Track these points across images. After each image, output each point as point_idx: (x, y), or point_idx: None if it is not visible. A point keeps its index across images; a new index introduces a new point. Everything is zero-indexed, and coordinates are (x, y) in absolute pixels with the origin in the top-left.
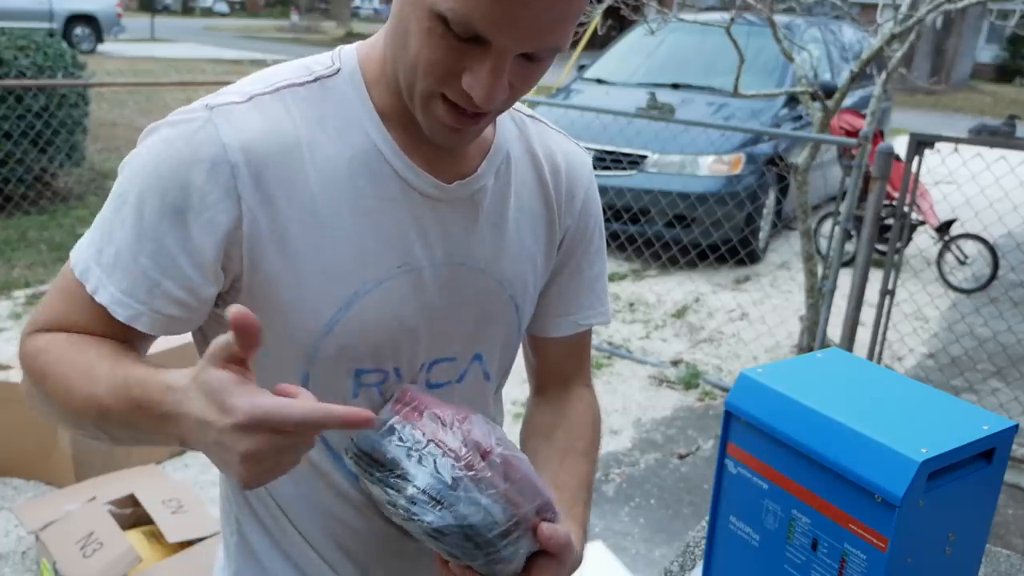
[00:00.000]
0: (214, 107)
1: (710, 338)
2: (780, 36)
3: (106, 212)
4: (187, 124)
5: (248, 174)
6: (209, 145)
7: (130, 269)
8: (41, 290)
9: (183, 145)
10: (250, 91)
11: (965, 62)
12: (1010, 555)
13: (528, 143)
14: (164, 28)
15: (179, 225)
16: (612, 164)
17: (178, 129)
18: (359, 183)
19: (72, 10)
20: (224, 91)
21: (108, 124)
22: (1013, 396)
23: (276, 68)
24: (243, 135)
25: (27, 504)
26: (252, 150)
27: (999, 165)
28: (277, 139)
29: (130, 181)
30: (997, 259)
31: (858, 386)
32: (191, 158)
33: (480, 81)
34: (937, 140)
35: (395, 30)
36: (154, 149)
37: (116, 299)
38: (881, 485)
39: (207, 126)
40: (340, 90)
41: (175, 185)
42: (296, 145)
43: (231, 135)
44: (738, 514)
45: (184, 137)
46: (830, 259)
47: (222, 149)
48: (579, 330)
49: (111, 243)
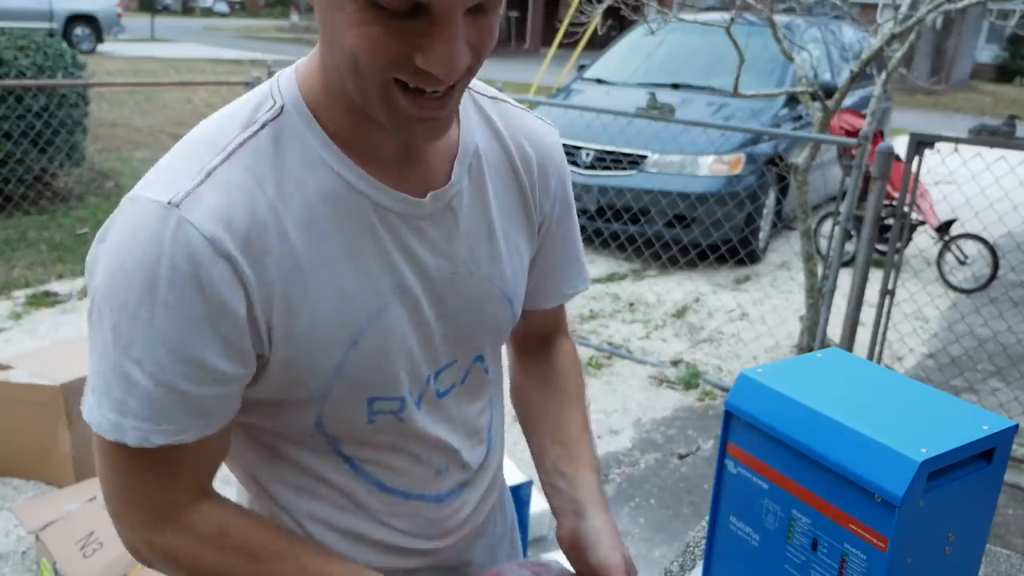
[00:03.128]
0: (179, 203)
1: (710, 338)
2: (780, 36)
3: (113, 361)
4: (155, 234)
5: (241, 256)
6: (197, 245)
7: (179, 404)
8: (41, 290)
9: (170, 257)
10: (204, 166)
11: (965, 62)
12: (1010, 555)
13: (495, 130)
14: (164, 28)
15: (214, 338)
16: (612, 164)
17: (147, 243)
18: (335, 222)
19: (72, 10)
20: (175, 173)
21: (108, 124)
22: (1013, 396)
23: (218, 121)
24: (220, 219)
25: (27, 504)
26: (234, 231)
27: (999, 165)
28: (250, 209)
29: (136, 322)
30: (997, 259)
31: (858, 386)
32: (189, 272)
33: (436, 54)
34: (937, 140)
35: (327, 39)
36: (136, 274)
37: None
38: (881, 485)
39: (182, 227)
40: (290, 130)
41: (186, 297)
42: (269, 208)
43: (209, 226)
44: (738, 514)
45: (165, 249)
46: (830, 259)
47: (210, 245)
48: (566, 300)
49: (139, 393)
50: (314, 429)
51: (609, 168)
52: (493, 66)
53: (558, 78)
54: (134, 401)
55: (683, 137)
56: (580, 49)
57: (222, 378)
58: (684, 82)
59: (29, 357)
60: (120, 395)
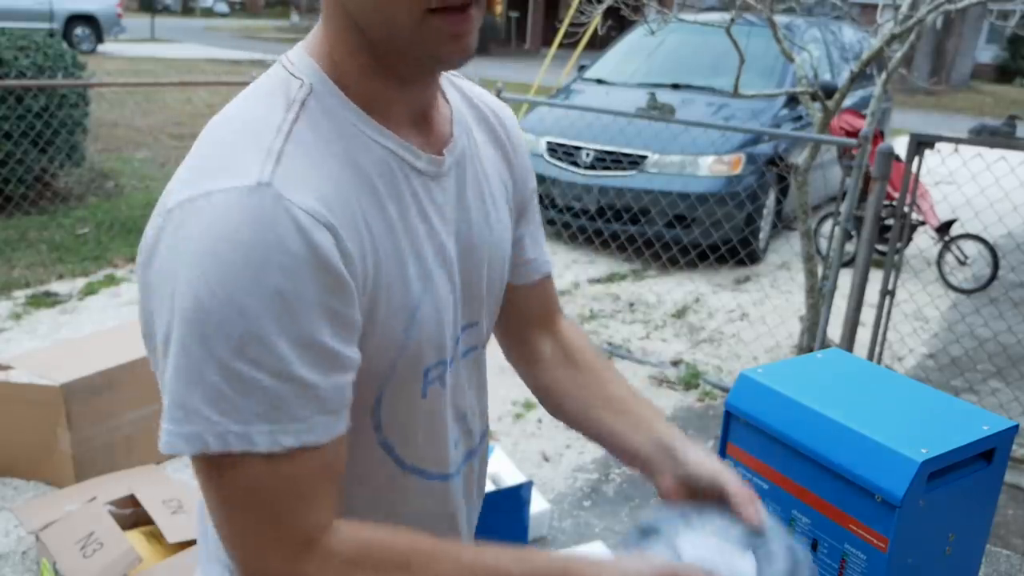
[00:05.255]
0: (269, 181)
1: (710, 338)
2: (780, 36)
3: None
4: (259, 219)
5: (343, 228)
6: (303, 221)
7: (305, 397)
8: (41, 290)
9: (282, 242)
10: (267, 148)
11: (965, 62)
12: (1010, 555)
13: (468, 98)
14: (164, 28)
15: (332, 318)
16: (612, 164)
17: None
18: (388, 190)
19: (72, 10)
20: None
21: (108, 124)
22: (1013, 396)
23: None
24: (312, 192)
25: (27, 504)
26: (327, 203)
27: (999, 165)
28: (330, 182)
29: (249, 318)
30: (997, 259)
31: (858, 386)
32: (299, 250)
33: None
34: (937, 140)
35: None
36: (249, 268)
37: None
38: (881, 485)
39: (281, 203)
40: (325, 106)
41: (307, 286)
42: (341, 180)
43: (307, 199)
44: None
45: (271, 234)
46: (830, 259)
47: (312, 219)
48: (548, 270)
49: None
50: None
51: (609, 168)
52: (493, 66)
53: (558, 78)
54: (257, 404)
55: (683, 137)
56: (580, 49)
57: (343, 363)
58: (684, 82)
59: (29, 357)
60: (239, 402)
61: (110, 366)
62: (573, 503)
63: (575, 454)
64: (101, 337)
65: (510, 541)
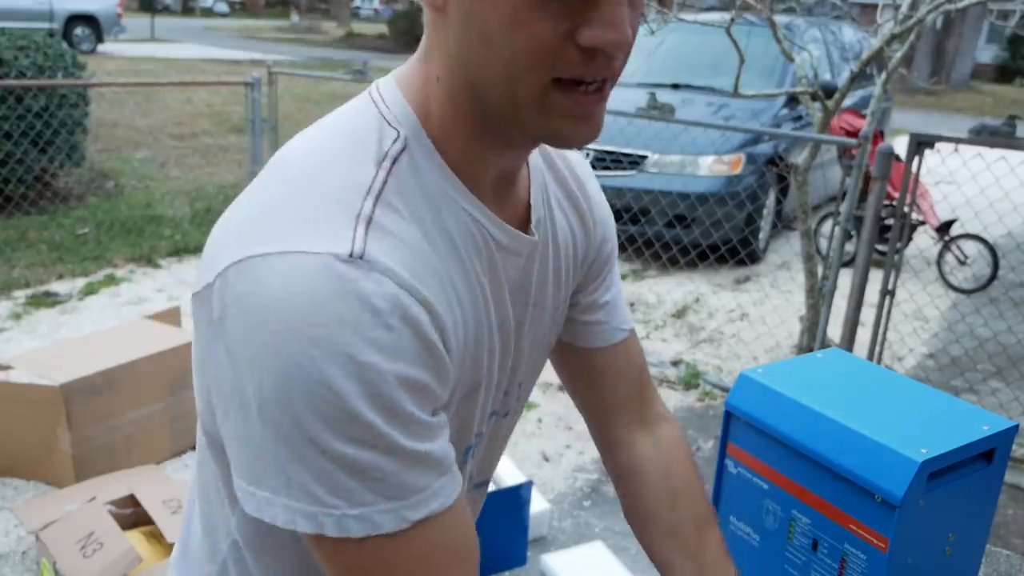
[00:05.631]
0: (363, 252)
1: (710, 338)
2: (780, 36)
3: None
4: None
5: (436, 303)
6: (400, 298)
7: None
8: (41, 290)
9: (378, 318)
10: (362, 211)
11: (965, 62)
12: (1010, 555)
13: (549, 159)
14: (164, 28)
15: (424, 397)
16: (612, 164)
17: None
18: (474, 264)
19: (72, 10)
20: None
21: (108, 124)
22: (1013, 396)
23: (338, 157)
24: (408, 268)
25: (27, 504)
26: (420, 276)
27: (999, 165)
28: (420, 253)
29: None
30: (997, 259)
31: (858, 386)
32: (398, 325)
33: (604, 20)
34: (937, 140)
35: (467, 41)
36: (335, 347)
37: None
38: (881, 485)
39: (374, 279)
40: (416, 164)
41: (403, 364)
42: (432, 251)
43: (403, 273)
44: (738, 514)
45: (367, 307)
46: (830, 259)
47: (410, 294)
48: (622, 336)
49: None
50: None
51: (609, 168)
52: None
53: None
54: (369, 485)
55: (683, 137)
56: None
57: (436, 430)
58: (684, 82)
59: (29, 357)
60: (353, 485)
61: (110, 366)
62: (573, 503)
63: (575, 454)
64: (101, 337)
65: (510, 541)
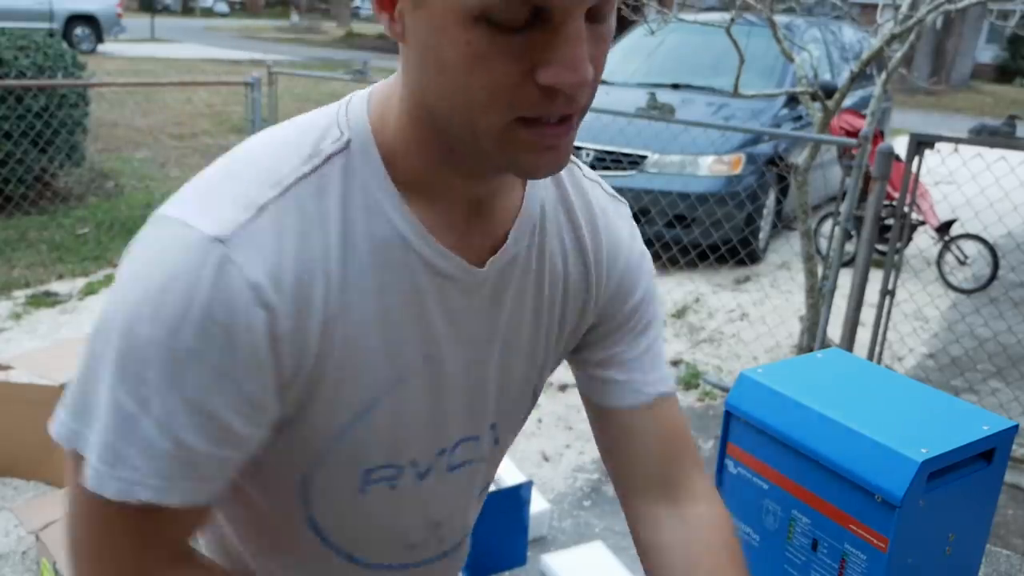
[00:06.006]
0: (226, 239)
1: (710, 338)
2: (780, 36)
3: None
4: (195, 270)
5: (286, 308)
6: (239, 292)
7: (173, 453)
8: (41, 290)
9: (207, 300)
10: (258, 199)
11: (965, 62)
12: (1010, 555)
13: (563, 193)
14: (164, 28)
15: (234, 393)
16: (612, 164)
17: (186, 279)
18: (382, 280)
19: (72, 10)
20: (221, 200)
21: (108, 124)
22: (1013, 396)
23: (278, 146)
24: (269, 267)
25: (27, 504)
26: (280, 279)
27: (999, 165)
28: (300, 256)
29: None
30: (997, 259)
31: (858, 386)
32: (225, 316)
33: (561, 61)
34: (937, 140)
35: (424, 71)
36: (166, 313)
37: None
38: (881, 485)
39: (226, 269)
40: (354, 169)
41: (214, 349)
42: (320, 256)
43: (257, 271)
44: (738, 514)
45: (203, 290)
46: (830, 259)
47: (254, 293)
48: (645, 400)
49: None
50: (296, 492)
51: (609, 168)
52: None
53: None
54: (131, 448)
55: (683, 137)
56: None
57: (236, 441)
58: (684, 82)
59: (29, 357)
60: (111, 437)
61: None
62: (573, 503)
63: (575, 454)
64: None
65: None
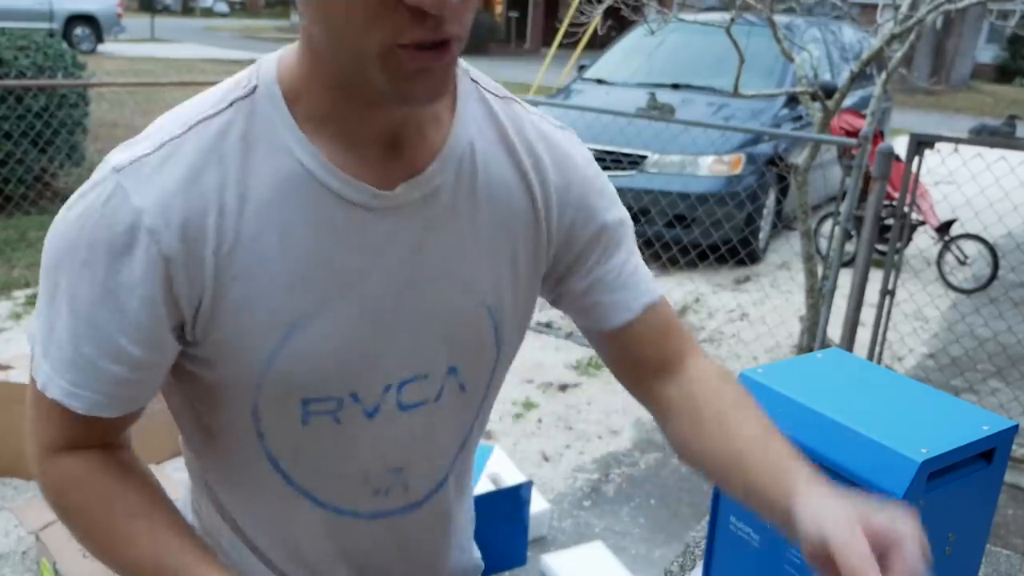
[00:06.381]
0: (121, 168)
1: (710, 338)
2: (780, 36)
3: (42, 303)
4: (96, 195)
5: (170, 234)
6: (123, 214)
7: (76, 360)
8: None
9: (97, 220)
10: (161, 137)
11: (965, 62)
12: (1010, 555)
13: (500, 128)
14: (164, 28)
15: (113, 306)
16: (612, 164)
17: (88, 202)
18: (288, 210)
19: (72, 10)
20: (136, 140)
21: (108, 124)
22: (1013, 396)
23: (198, 97)
24: (156, 193)
25: (27, 504)
26: (169, 206)
27: (999, 165)
28: (191, 187)
29: (56, 267)
30: (997, 259)
31: (858, 386)
32: (108, 234)
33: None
34: (937, 140)
35: (312, 15)
36: (71, 229)
37: (68, 392)
38: (881, 485)
39: (117, 192)
40: (258, 111)
41: (100, 265)
42: (216, 186)
43: (143, 197)
44: (738, 514)
45: (96, 211)
46: (830, 259)
47: (137, 216)
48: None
49: (53, 338)
50: (250, 424)
51: (609, 168)
52: (493, 66)
53: (558, 78)
54: (51, 347)
55: (683, 137)
56: (580, 49)
57: (130, 361)
58: (684, 82)
59: (29, 357)
60: (43, 337)
61: None
62: (573, 503)
63: (575, 454)
64: None
65: (510, 541)
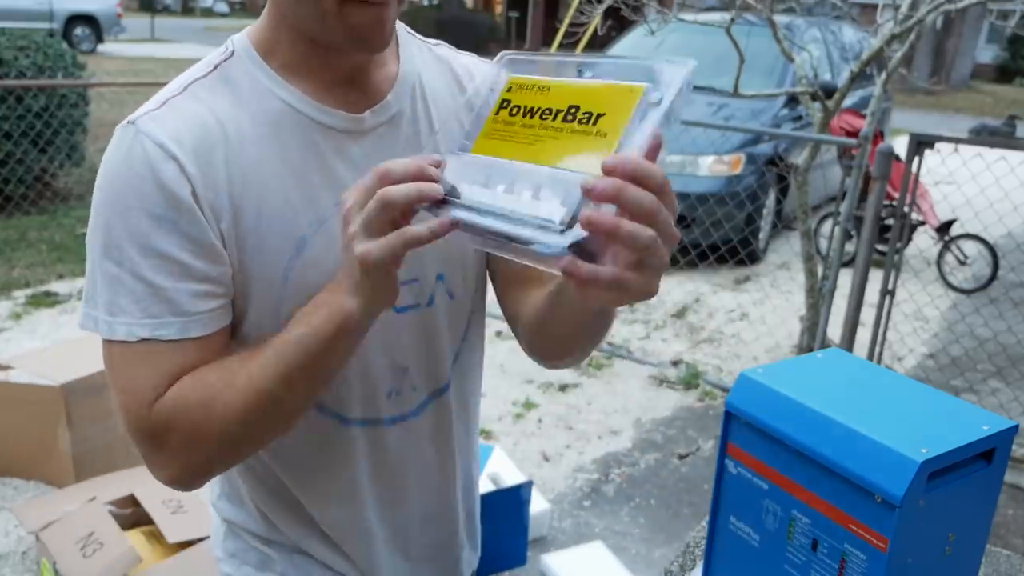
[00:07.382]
0: (135, 120)
1: (710, 338)
2: (780, 36)
3: (100, 268)
4: (121, 148)
5: (190, 161)
6: (150, 149)
7: (150, 294)
8: (41, 290)
9: (130, 165)
10: (162, 97)
11: (965, 62)
12: (1010, 555)
13: (445, 64)
14: (164, 28)
15: (168, 228)
16: None
17: (116, 157)
18: (282, 139)
19: (72, 10)
20: (147, 104)
21: (108, 124)
22: (1013, 396)
23: (192, 68)
24: (171, 129)
25: (27, 504)
26: (182, 139)
27: (999, 165)
28: (199, 126)
29: (107, 223)
30: (997, 259)
31: (858, 386)
32: (143, 170)
33: None
34: (937, 140)
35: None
36: (111, 185)
37: (154, 325)
38: (881, 485)
39: (138, 138)
40: (241, 68)
41: (145, 198)
42: (217, 125)
43: (160, 133)
44: (738, 514)
45: (125, 159)
46: (830, 259)
47: (160, 149)
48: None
49: (122, 289)
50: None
51: None
52: None
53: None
54: (121, 299)
55: (683, 137)
56: (580, 49)
57: (192, 273)
58: None
59: (29, 357)
60: (109, 295)
61: None
62: (573, 503)
63: (575, 454)
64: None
65: (510, 541)
